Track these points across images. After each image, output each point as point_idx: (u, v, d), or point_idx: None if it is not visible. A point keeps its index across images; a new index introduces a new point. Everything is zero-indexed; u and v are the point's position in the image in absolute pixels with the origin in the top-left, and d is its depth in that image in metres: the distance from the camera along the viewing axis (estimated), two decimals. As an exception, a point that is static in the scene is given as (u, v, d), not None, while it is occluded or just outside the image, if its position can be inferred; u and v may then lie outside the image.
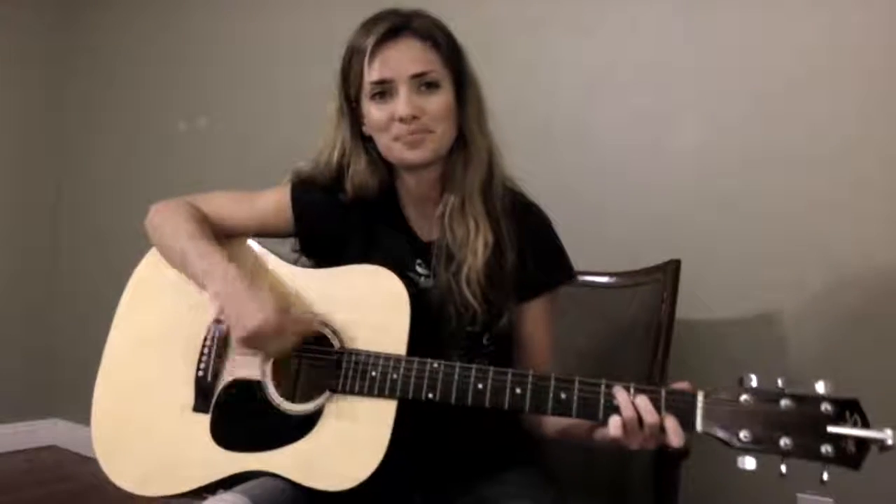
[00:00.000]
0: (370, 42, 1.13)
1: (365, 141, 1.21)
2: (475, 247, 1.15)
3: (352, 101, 1.18)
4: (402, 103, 1.12)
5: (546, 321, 1.24)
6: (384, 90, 1.14)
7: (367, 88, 1.15)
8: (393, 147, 1.15)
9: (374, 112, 1.15)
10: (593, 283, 1.69)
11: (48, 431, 3.25)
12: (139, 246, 1.32)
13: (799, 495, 1.65)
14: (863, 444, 0.89)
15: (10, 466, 2.99)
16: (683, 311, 1.59)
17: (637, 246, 1.81)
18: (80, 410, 3.04)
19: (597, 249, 1.81)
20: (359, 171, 1.21)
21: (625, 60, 1.96)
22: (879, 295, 1.62)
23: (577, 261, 1.35)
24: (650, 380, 1.46)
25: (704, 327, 1.74)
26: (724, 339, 1.74)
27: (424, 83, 1.13)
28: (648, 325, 1.57)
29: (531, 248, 1.20)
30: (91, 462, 1.25)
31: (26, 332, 3.21)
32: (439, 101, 1.14)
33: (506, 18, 2.14)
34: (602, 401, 0.99)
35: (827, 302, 1.66)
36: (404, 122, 1.12)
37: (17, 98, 3.19)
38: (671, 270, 1.60)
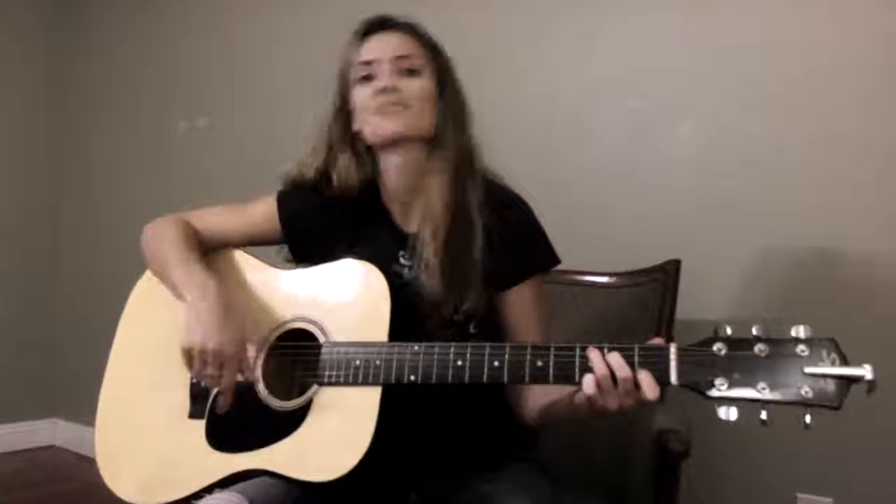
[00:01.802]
0: (361, 31, 1.25)
1: (352, 138, 1.25)
2: (434, 235, 1.18)
3: (346, 100, 1.24)
4: (382, 77, 1.20)
5: (532, 308, 1.25)
6: (370, 73, 1.21)
7: (355, 72, 1.22)
8: (372, 120, 1.20)
9: (359, 93, 1.22)
10: (593, 283, 1.70)
11: (48, 431, 3.25)
12: (138, 247, 1.33)
13: (799, 495, 1.65)
14: (842, 382, 0.87)
15: (10, 466, 2.99)
16: (683, 311, 1.59)
17: (637, 246, 1.82)
18: (79, 410, 3.06)
19: (597, 249, 1.81)
20: (343, 167, 1.24)
21: (624, 63, 1.96)
22: (880, 294, 1.62)
23: (578, 261, 1.35)
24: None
25: (704, 327, 1.74)
26: (724, 339, 1.74)
27: (406, 68, 1.21)
28: (648, 325, 1.57)
29: (512, 237, 1.21)
30: (91, 462, 1.27)
31: (26, 333, 3.21)
32: (418, 84, 1.21)
33: (507, 25, 2.14)
34: (577, 363, 0.99)
35: (827, 302, 1.66)
36: (385, 92, 1.18)
37: (18, 98, 3.20)
38: (671, 270, 1.60)
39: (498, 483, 1.16)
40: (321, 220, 1.28)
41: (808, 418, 0.88)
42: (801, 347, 0.90)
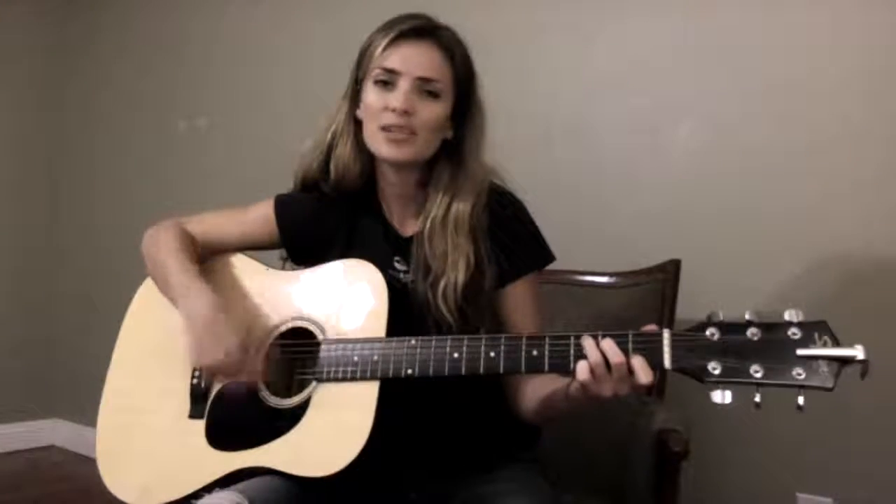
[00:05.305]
0: (394, 32, 1.18)
1: (356, 125, 1.24)
2: (456, 264, 1.17)
3: (358, 83, 1.22)
4: (398, 96, 1.15)
5: (527, 305, 1.24)
6: (388, 80, 1.17)
7: (374, 72, 1.18)
8: (376, 136, 1.18)
9: (371, 96, 1.18)
10: (593, 282, 1.69)
11: (48, 431, 3.25)
12: (138, 248, 1.33)
13: (799, 495, 1.65)
14: (834, 363, 0.88)
15: (10, 466, 2.99)
16: (683, 311, 1.59)
17: (637, 246, 1.82)
18: (80, 410, 3.06)
19: (597, 249, 1.81)
20: (343, 154, 1.24)
21: (624, 62, 1.96)
22: (880, 293, 1.63)
23: (578, 261, 1.35)
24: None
25: (704, 327, 1.74)
26: (724, 339, 1.74)
27: (427, 89, 1.17)
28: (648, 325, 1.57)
29: (506, 237, 1.21)
30: (91, 462, 1.27)
31: (26, 333, 3.21)
32: (433, 110, 1.17)
33: (507, 24, 2.14)
34: (572, 351, 1.00)
35: (827, 301, 1.66)
36: (394, 113, 1.15)
37: (17, 97, 3.19)
38: (671, 270, 1.60)
39: (498, 483, 1.16)
40: (319, 224, 1.28)
41: (801, 400, 0.89)
42: (793, 330, 0.91)
